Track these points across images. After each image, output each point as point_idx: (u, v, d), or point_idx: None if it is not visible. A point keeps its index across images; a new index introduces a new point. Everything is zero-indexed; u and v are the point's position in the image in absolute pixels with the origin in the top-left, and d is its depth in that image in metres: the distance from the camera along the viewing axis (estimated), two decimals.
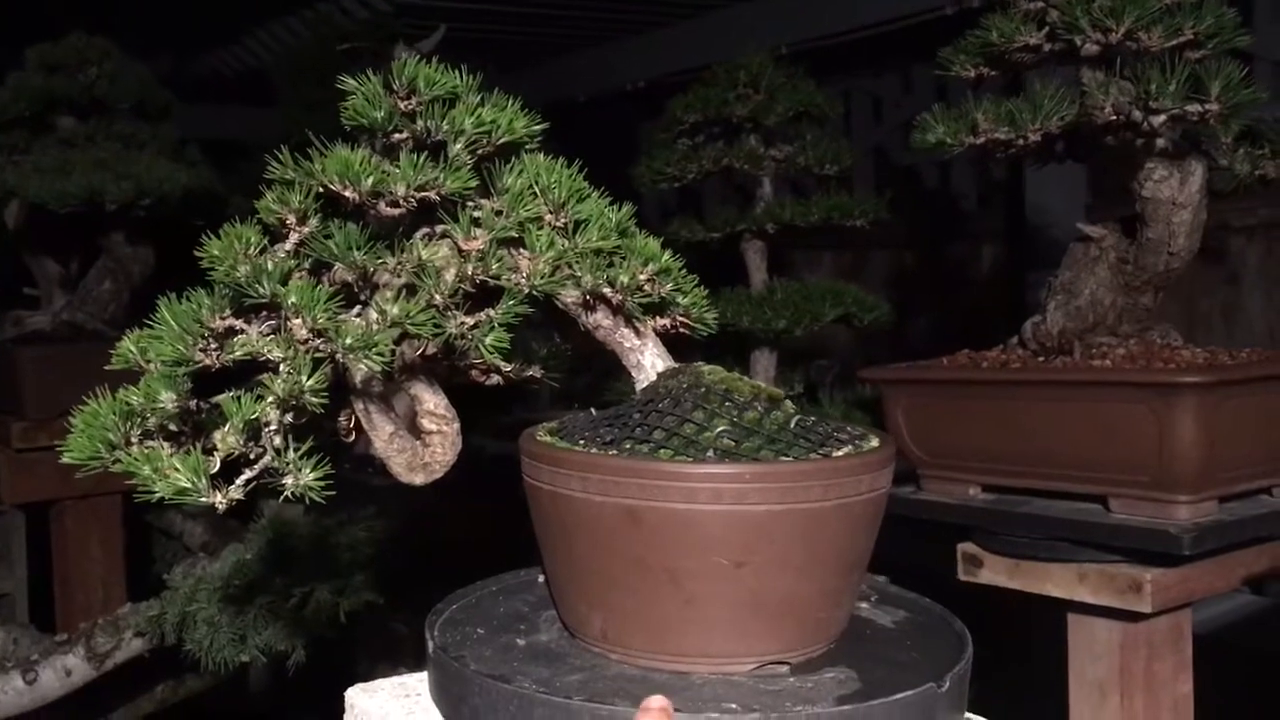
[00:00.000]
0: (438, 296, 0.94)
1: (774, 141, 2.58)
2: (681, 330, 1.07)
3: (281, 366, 0.88)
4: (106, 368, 0.94)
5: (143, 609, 2.21)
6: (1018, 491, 1.83)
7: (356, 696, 1.07)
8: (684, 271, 1.04)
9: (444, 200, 0.97)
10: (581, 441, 0.97)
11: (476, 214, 0.98)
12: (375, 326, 0.90)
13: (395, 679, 1.10)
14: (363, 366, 0.91)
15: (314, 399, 0.88)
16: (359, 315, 0.94)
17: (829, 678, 0.93)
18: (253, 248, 0.94)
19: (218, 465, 0.89)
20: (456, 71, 1.00)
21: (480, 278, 0.95)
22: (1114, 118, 1.61)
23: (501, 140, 0.99)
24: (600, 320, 1.04)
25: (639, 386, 1.04)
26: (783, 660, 0.94)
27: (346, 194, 0.94)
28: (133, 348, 0.92)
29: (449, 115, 0.97)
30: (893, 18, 4.66)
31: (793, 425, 0.98)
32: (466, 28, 5.06)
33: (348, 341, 0.88)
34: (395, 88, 0.98)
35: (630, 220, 1.03)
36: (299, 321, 0.89)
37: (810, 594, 0.93)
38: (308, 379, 0.87)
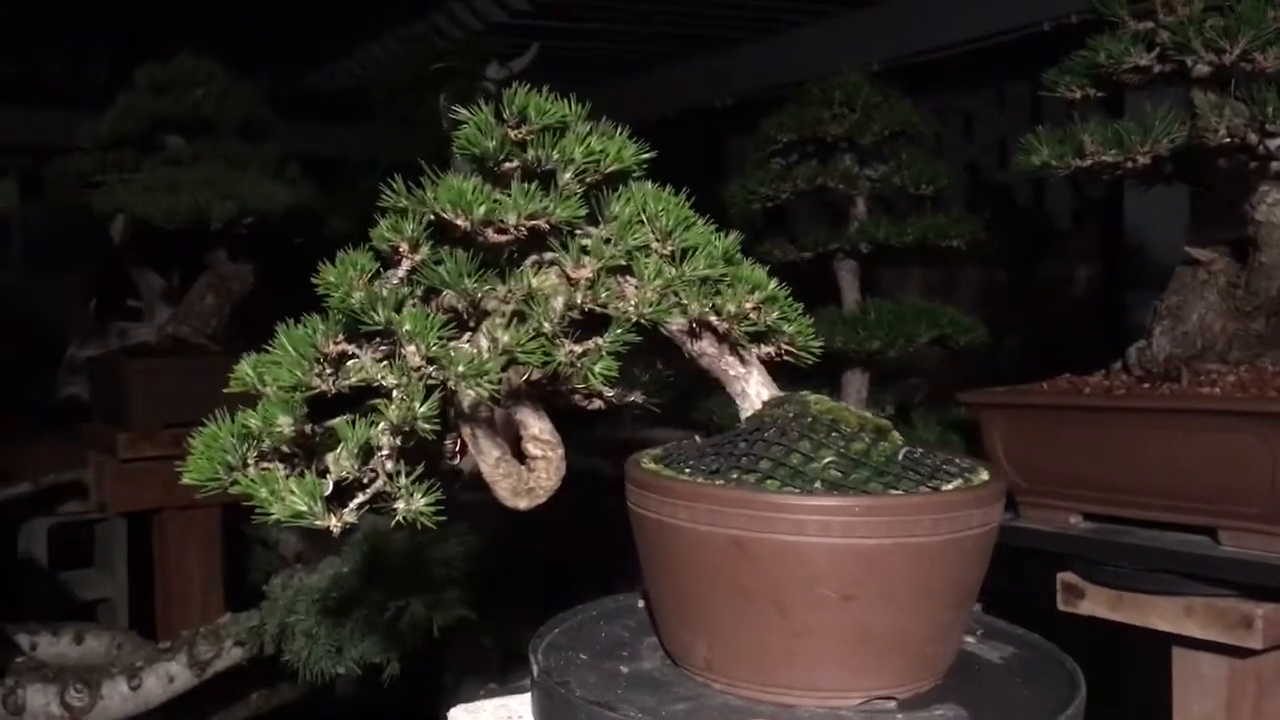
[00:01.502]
0: (547, 325, 0.94)
1: (869, 161, 2.54)
2: (786, 358, 1.06)
3: (394, 393, 0.89)
4: (225, 390, 0.97)
5: (243, 619, 2.26)
6: (1119, 521, 1.78)
7: (460, 717, 1.08)
8: (789, 299, 1.03)
9: (553, 228, 0.98)
10: (688, 470, 0.97)
11: (585, 242, 0.99)
12: (485, 354, 0.91)
13: (497, 700, 1.11)
14: (471, 393, 0.92)
15: (426, 425, 0.89)
16: (468, 342, 0.95)
17: (938, 715, 0.91)
18: (365, 274, 0.96)
19: (330, 488, 0.90)
20: (566, 100, 1.01)
21: (589, 306, 0.96)
22: (1228, 140, 1.57)
23: (610, 169, 1.00)
24: (705, 348, 1.04)
25: (744, 415, 1.04)
26: (891, 695, 0.93)
27: (459, 222, 0.95)
28: (250, 372, 0.94)
29: (559, 144, 0.98)
30: (988, 34, 4.60)
31: (900, 457, 0.97)
32: (556, 45, 5.12)
33: (460, 369, 0.89)
34: (506, 117, 0.99)
35: (737, 248, 1.03)
36: (413, 349, 0.90)
37: (918, 629, 0.92)
38: (421, 405, 0.88)
